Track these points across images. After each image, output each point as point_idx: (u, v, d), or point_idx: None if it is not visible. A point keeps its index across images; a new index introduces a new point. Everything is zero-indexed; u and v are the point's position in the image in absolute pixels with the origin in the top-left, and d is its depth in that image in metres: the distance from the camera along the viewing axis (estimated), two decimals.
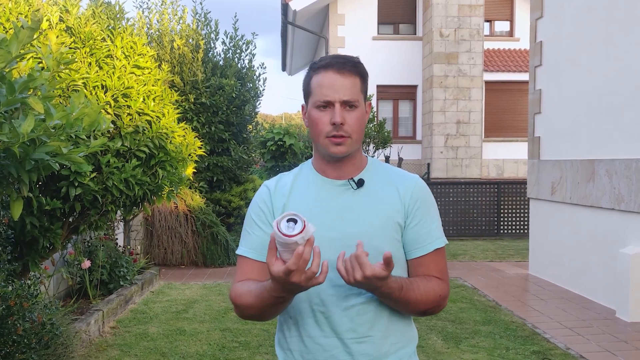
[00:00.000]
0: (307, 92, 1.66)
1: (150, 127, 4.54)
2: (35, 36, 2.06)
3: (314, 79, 1.63)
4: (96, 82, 4.34)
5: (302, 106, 1.72)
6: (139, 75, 4.65)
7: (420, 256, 1.65)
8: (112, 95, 4.39)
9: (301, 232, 1.34)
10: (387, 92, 16.18)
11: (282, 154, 13.88)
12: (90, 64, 4.44)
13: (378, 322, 1.61)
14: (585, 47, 6.89)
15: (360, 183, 1.66)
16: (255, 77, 11.09)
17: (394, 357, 1.64)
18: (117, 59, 4.57)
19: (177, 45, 9.97)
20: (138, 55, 4.72)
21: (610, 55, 6.38)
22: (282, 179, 1.73)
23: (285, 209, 1.65)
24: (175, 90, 8.68)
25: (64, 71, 3.90)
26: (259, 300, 1.53)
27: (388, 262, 1.44)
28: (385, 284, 1.48)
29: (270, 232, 1.56)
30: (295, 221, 1.36)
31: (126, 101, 4.45)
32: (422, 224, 1.66)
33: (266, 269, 1.58)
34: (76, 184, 4.04)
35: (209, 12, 10.77)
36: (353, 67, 1.62)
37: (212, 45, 10.78)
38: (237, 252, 1.70)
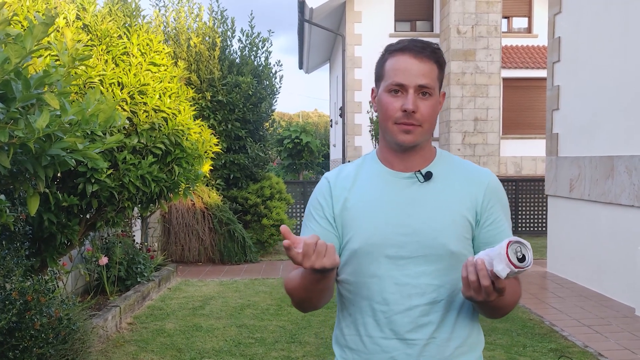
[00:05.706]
0: (379, 75, 1.58)
1: (166, 124, 4.56)
2: (50, 31, 2.07)
3: (389, 62, 1.55)
4: (112, 79, 4.36)
5: (372, 89, 1.63)
6: (155, 73, 4.67)
7: None
8: (128, 92, 4.41)
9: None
10: None
11: (298, 151, 13.88)
12: (106, 61, 4.47)
13: (444, 325, 1.52)
14: (604, 42, 6.80)
15: (428, 176, 1.55)
16: (271, 74, 11.09)
17: None
18: (133, 56, 4.59)
19: (194, 43, 10.00)
20: (154, 52, 4.73)
21: (629, 50, 6.29)
22: (344, 171, 1.64)
23: (346, 203, 1.56)
24: (192, 88, 8.72)
25: (80, 68, 3.92)
26: (302, 279, 1.47)
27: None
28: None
29: (326, 226, 1.57)
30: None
31: (142, 98, 4.47)
32: (496, 224, 1.55)
33: None
34: (93, 181, 4.07)
35: (225, 9, 10.80)
36: (432, 52, 1.53)
37: (229, 43, 10.79)
38: None
